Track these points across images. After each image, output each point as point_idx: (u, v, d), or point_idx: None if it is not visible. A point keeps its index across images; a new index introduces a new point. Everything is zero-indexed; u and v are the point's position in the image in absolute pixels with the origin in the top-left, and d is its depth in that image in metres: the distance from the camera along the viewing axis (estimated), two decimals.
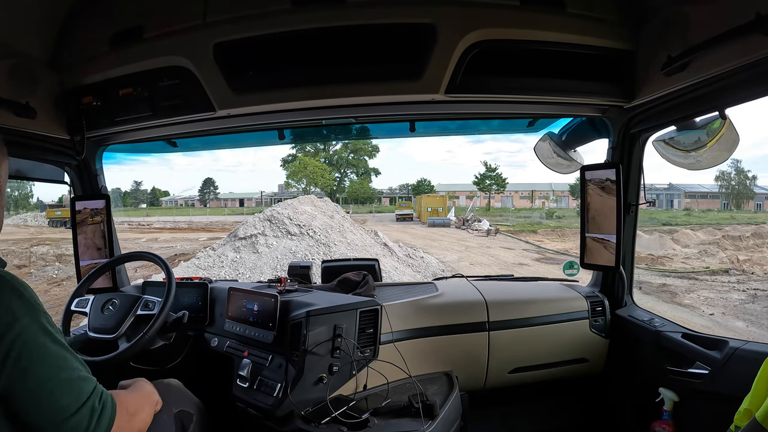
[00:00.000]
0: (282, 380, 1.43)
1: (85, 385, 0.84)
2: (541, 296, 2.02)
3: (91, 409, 0.82)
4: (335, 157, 44.18)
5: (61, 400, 0.79)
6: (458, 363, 1.83)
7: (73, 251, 2.00)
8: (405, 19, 1.42)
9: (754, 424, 0.99)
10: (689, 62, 1.29)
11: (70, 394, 0.80)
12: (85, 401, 0.82)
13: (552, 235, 20.52)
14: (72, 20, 1.59)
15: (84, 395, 0.82)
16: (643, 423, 1.77)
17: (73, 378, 0.82)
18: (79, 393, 0.81)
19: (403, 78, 1.47)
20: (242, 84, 1.51)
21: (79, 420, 0.80)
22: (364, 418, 1.35)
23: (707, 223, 23.35)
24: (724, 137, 1.42)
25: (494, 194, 41.26)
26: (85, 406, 0.81)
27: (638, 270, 8.05)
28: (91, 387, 0.85)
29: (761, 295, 9.53)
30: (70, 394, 0.80)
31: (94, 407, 0.83)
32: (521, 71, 1.51)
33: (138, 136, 1.90)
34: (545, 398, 2.11)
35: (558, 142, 2.03)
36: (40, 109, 1.57)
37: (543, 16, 1.43)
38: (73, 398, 0.80)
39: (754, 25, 1.05)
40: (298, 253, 10.09)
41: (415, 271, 10.54)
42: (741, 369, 1.40)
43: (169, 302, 1.59)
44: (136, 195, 51.35)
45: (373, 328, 1.59)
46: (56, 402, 0.79)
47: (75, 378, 0.82)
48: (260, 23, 1.44)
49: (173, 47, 1.51)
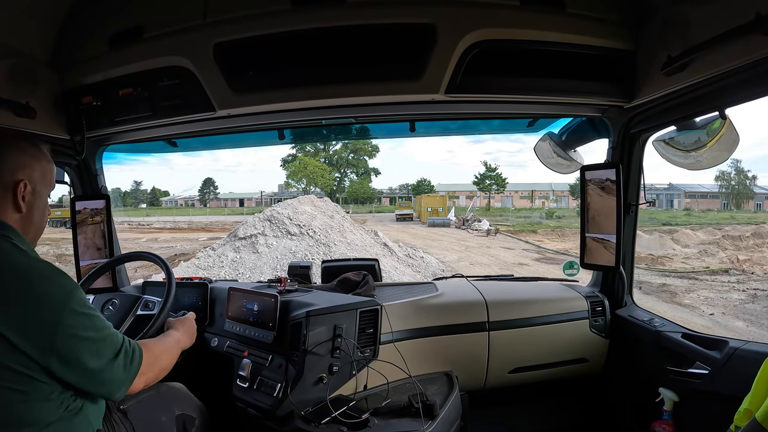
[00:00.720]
0: (282, 380, 1.43)
1: (115, 338, 0.99)
2: (541, 296, 2.02)
3: (125, 353, 0.99)
4: (335, 157, 44.19)
5: (103, 359, 0.95)
6: (458, 363, 1.83)
7: (73, 251, 2.00)
8: (405, 19, 1.42)
9: (754, 424, 0.99)
10: (689, 62, 1.29)
11: (107, 352, 0.96)
12: (120, 348, 0.99)
13: (552, 235, 20.52)
14: (72, 20, 1.59)
15: (118, 343, 0.99)
16: (643, 423, 1.77)
17: (108, 336, 0.98)
18: (113, 347, 0.98)
19: (403, 78, 1.47)
20: (242, 84, 1.51)
21: (119, 362, 0.98)
22: (364, 418, 1.35)
23: (707, 223, 23.35)
24: (724, 137, 1.42)
25: (494, 194, 41.27)
26: (120, 351, 0.98)
27: (638, 270, 8.04)
28: (119, 339, 1.01)
29: (761, 295, 9.53)
30: (107, 351, 0.96)
31: (127, 351, 1.00)
32: (521, 71, 1.51)
33: (138, 136, 1.90)
34: (545, 398, 2.11)
35: (558, 142, 2.02)
36: (40, 109, 1.57)
37: (543, 16, 1.43)
38: (110, 354, 0.97)
39: (754, 25, 1.05)
40: (298, 253, 10.09)
41: (415, 271, 10.54)
42: (741, 369, 1.40)
43: (169, 302, 1.58)
44: (136, 195, 51.35)
45: (373, 328, 1.59)
46: (99, 362, 0.94)
47: (108, 335, 0.98)
48: (260, 23, 1.44)
49: (173, 47, 1.51)
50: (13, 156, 1.01)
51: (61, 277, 0.94)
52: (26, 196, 1.01)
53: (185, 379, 1.62)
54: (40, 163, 1.06)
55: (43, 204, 1.08)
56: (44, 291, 0.90)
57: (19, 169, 1.00)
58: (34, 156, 1.05)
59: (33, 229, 1.06)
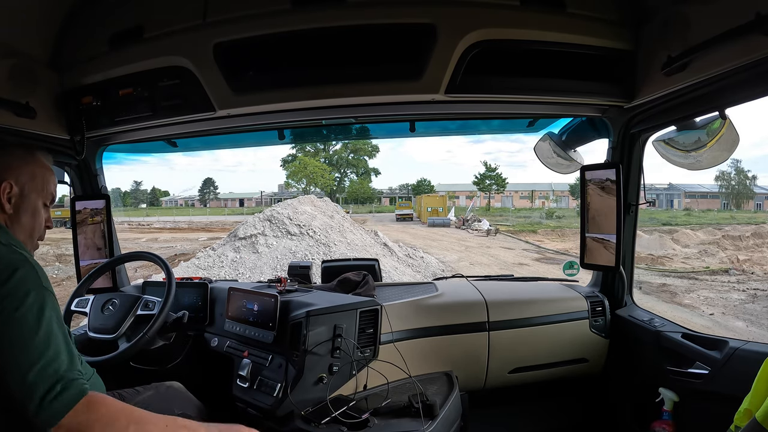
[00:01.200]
0: (282, 380, 1.43)
1: (63, 364, 0.88)
2: (541, 296, 2.02)
3: (52, 383, 0.85)
4: (335, 157, 44.19)
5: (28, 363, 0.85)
6: (458, 363, 1.83)
7: (73, 251, 2.00)
8: (405, 19, 1.42)
9: (754, 424, 0.99)
10: (689, 62, 1.29)
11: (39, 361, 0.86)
12: (52, 374, 0.86)
13: (552, 235, 20.52)
14: (72, 20, 1.59)
15: (53, 370, 0.86)
16: (643, 423, 1.77)
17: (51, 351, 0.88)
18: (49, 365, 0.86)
19: (403, 78, 1.47)
20: (242, 84, 1.51)
21: (39, 388, 0.84)
22: (364, 418, 1.35)
23: (707, 223, 23.35)
24: (724, 137, 1.42)
25: (494, 194, 41.26)
26: (49, 378, 0.85)
27: (638, 270, 8.04)
28: (69, 369, 0.88)
29: (761, 295, 9.53)
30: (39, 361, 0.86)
31: (56, 384, 0.85)
32: (521, 71, 1.51)
33: (138, 136, 1.90)
34: (545, 398, 2.10)
35: (558, 142, 2.02)
36: (40, 109, 1.57)
37: (543, 16, 1.43)
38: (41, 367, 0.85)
39: (754, 25, 1.05)
40: (298, 253, 10.09)
41: (415, 271, 10.54)
42: (741, 369, 1.40)
43: (169, 302, 1.59)
44: (136, 195, 51.35)
45: (373, 328, 1.59)
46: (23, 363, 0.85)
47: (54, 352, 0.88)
48: (260, 23, 1.44)
49: (173, 47, 1.51)
50: (2, 158, 1.05)
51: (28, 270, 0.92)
52: (13, 197, 1.04)
53: (185, 378, 1.62)
54: (29, 167, 1.08)
55: (33, 208, 1.08)
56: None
57: (4, 170, 1.04)
58: (23, 159, 1.07)
59: (22, 231, 1.06)
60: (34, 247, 1.11)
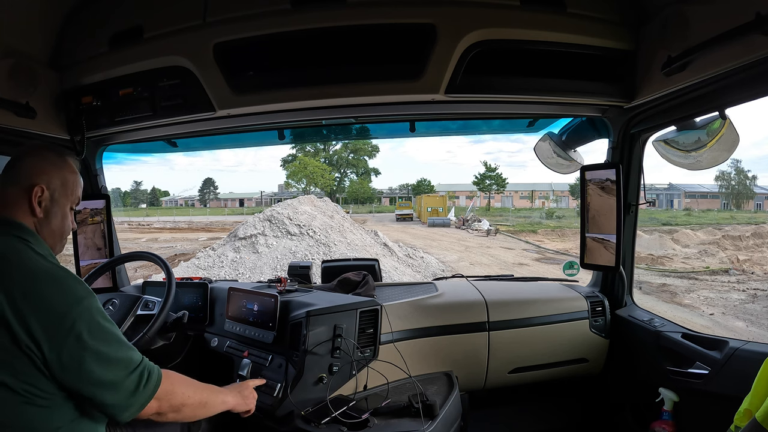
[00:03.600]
0: (282, 380, 1.43)
1: (133, 355, 0.98)
2: (541, 296, 2.02)
3: (139, 376, 0.96)
4: (335, 157, 44.18)
5: (116, 372, 0.93)
6: (458, 363, 1.83)
7: (73, 251, 2.00)
8: (405, 20, 1.42)
9: (754, 424, 0.99)
10: (689, 62, 1.29)
11: (121, 366, 0.94)
12: (134, 369, 0.96)
13: (552, 235, 20.52)
14: (72, 20, 1.59)
15: (133, 364, 0.96)
16: (643, 423, 1.77)
17: (123, 351, 0.96)
18: (129, 363, 0.96)
19: (403, 78, 1.47)
20: (242, 84, 1.51)
21: (129, 385, 0.94)
22: (364, 418, 1.35)
23: (707, 223, 23.35)
24: (724, 137, 1.42)
25: (494, 194, 41.25)
26: (134, 373, 0.95)
27: (638, 270, 8.05)
28: (138, 358, 0.98)
29: (761, 295, 9.53)
30: (121, 365, 0.94)
31: (142, 375, 0.96)
32: (521, 71, 1.51)
33: (138, 136, 1.90)
34: (545, 398, 2.11)
35: (558, 142, 2.03)
36: (40, 109, 1.57)
37: (543, 16, 1.43)
38: (124, 369, 0.94)
39: (754, 25, 1.05)
40: (298, 253, 10.09)
41: (415, 271, 10.54)
42: (741, 369, 1.40)
43: (169, 302, 1.59)
44: (136, 195, 51.34)
45: (373, 328, 1.59)
46: (111, 374, 0.92)
47: (125, 350, 0.97)
48: (260, 23, 1.44)
49: (173, 47, 1.51)
50: (34, 161, 1.05)
51: (73, 283, 0.94)
52: (43, 201, 1.03)
53: None
54: (61, 172, 1.08)
55: (62, 213, 1.08)
56: (52, 294, 0.90)
57: (37, 174, 1.03)
58: (55, 164, 1.07)
59: (51, 235, 1.07)
60: (60, 250, 1.11)
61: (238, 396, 1.28)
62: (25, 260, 0.93)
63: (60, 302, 0.90)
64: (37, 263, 0.93)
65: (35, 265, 0.93)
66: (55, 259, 1.02)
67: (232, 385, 1.32)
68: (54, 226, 1.07)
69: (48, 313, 0.88)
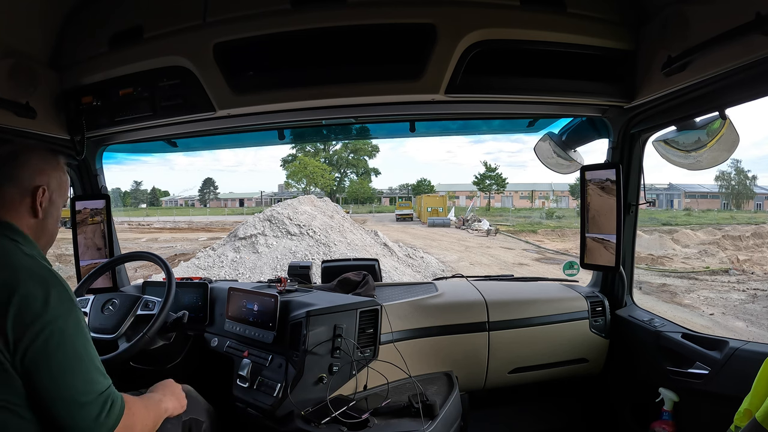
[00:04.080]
0: (282, 380, 1.43)
1: (102, 380, 0.93)
2: (541, 296, 2.02)
3: (103, 402, 0.90)
4: (335, 157, 44.19)
5: (79, 388, 0.88)
6: (458, 363, 1.83)
7: (73, 251, 2.00)
8: (405, 20, 1.42)
9: (754, 425, 0.99)
10: (689, 62, 1.29)
11: (86, 384, 0.89)
12: (100, 394, 0.91)
13: (552, 235, 20.52)
14: (72, 20, 1.59)
15: (99, 389, 0.91)
16: (643, 423, 1.77)
17: (93, 371, 0.92)
18: (94, 385, 0.90)
19: (403, 78, 1.47)
20: (242, 84, 1.51)
21: (91, 409, 0.89)
22: (364, 418, 1.35)
23: (707, 223, 23.35)
24: (724, 137, 1.42)
25: (494, 194, 41.25)
26: (99, 398, 0.90)
27: (638, 270, 8.05)
28: (106, 384, 0.93)
29: (761, 295, 9.53)
30: (86, 384, 0.89)
31: (106, 402, 0.91)
32: (521, 71, 1.51)
33: (138, 136, 1.90)
34: (545, 398, 2.11)
35: (558, 142, 2.03)
36: (40, 109, 1.57)
37: (543, 16, 1.43)
38: (89, 389, 0.89)
39: (754, 25, 1.05)
40: (298, 253, 10.09)
41: (415, 271, 10.54)
42: (741, 369, 1.40)
43: (169, 302, 1.59)
44: (136, 195, 51.34)
45: (373, 328, 1.59)
46: (73, 389, 0.88)
47: (94, 372, 0.92)
48: (260, 23, 1.44)
49: (173, 47, 1.51)
50: (36, 162, 1.04)
51: (59, 287, 0.91)
52: (44, 202, 1.03)
53: (184, 379, 1.62)
54: (57, 173, 1.08)
55: (57, 213, 1.09)
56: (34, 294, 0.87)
57: (39, 175, 1.03)
58: (53, 165, 1.07)
59: (45, 236, 1.07)
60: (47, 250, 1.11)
61: (174, 400, 1.24)
62: (15, 259, 0.92)
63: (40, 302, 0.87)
64: (26, 262, 0.92)
65: (23, 263, 0.92)
66: (45, 260, 1.01)
67: (160, 389, 1.25)
68: (50, 227, 1.07)
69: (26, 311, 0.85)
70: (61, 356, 0.87)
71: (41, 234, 1.05)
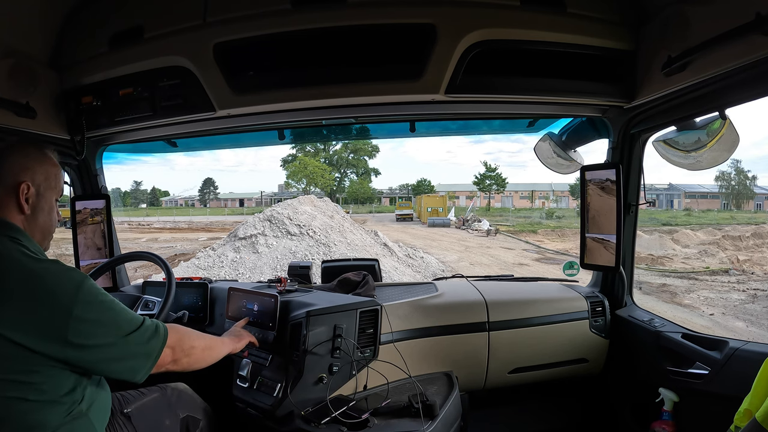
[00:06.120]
0: (282, 380, 1.43)
1: (134, 316, 1.03)
2: (541, 296, 2.02)
3: (144, 329, 1.02)
4: (335, 157, 44.19)
5: (119, 327, 0.98)
6: (458, 363, 1.82)
7: (73, 251, 2.00)
8: (405, 20, 1.42)
9: (754, 425, 0.99)
10: (689, 62, 1.29)
11: (125, 322, 1.00)
12: (139, 325, 1.01)
13: (552, 235, 20.51)
14: (72, 20, 1.59)
15: (136, 321, 1.02)
16: (643, 423, 1.77)
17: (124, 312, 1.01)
18: (131, 320, 1.01)
19: (403, 78, 1.47)
20: (242, 84, 1.51)
21: (137, 336, 1.00)
22: (364, 418, 1.35)
23: (707, 223, 23.35)
24: (724, 137, 1.42)
25: (494, 194, 41.25)
26: (139, 328, 1.01)
27: (638, 270, 8.05)
28: (140, 318, 1.04)
29: (761, 295, 9.53)
30: (125, 321, 1.00)
31: (148, 327, 1.03)
32: (521, 71, 1.51)
33: (138, 136, 1.90)
34: (545, 398, 2.10)
35: (558, 142, 2.03)
36: (40, 109, 1.57)
37: (543, 16, 1.43)
38: (127, 323, 1.00)
39: (754, 25, 1.05)
40: (298, 253, 10.09)
41: (415, 271, 10.54)
42: (741, 369, 1.40)
43: (169, 302, 1.59)
44: (136, 195, 51.35)
45: (373, 328, 1.59)
46: (116, 329, 0.97)
47: (125, 312, 1.02)
48: (260, 23, 1.44)
49: (173, 47, 1.51)
50: (15, 159, 1.04)
51: (70, 272, 0.95)
52: (30, 198, 1.03)
53: (184, 379, 1.62)
54: (43, 167, 1.08)
55: (49, 206, 1.09)
56: (53, 288, 0.91)
57: (21, 171, 1.03)
58: (37, 159, 1.07)
59: (39, 230, 1.07)
60: (48, 245, 1.12)
61: (233, 339, 1.39)
62: (19, 262, 0.93)
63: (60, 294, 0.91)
64: (31, 263, 0.93)
65: (30, 265, 0.93)
66: (45, 256, 1.02)
67: (225, 333, 1.44)
68: (41, 221, 1.07)
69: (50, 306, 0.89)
70: (96, 326, 0.94)
71: (34, 229, 1.06)
